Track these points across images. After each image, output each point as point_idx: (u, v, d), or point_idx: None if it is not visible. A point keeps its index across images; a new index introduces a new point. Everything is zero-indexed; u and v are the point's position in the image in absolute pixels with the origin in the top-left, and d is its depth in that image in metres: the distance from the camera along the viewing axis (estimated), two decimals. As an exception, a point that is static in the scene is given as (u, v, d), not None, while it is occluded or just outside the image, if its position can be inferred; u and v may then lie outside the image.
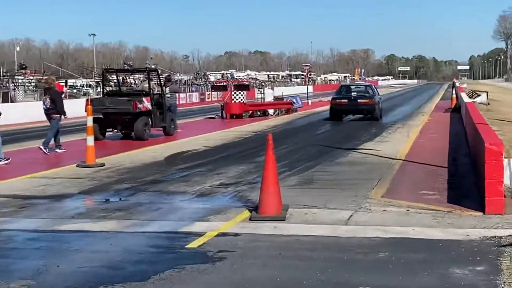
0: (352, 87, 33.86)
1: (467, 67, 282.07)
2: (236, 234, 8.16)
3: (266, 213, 8.97)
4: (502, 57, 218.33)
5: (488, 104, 36.76)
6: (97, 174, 13.61)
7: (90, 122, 15.37)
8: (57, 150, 17.77)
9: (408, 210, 9.46)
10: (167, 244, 7.75)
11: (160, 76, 24.15)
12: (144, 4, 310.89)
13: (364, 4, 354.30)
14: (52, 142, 17.75)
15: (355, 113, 30.46)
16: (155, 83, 25.06)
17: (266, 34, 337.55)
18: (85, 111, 16.03)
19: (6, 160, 15.37)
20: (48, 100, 17.86)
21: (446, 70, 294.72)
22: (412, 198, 10.38)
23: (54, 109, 17.76)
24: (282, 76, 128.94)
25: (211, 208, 9.84)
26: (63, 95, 21.65)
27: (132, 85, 41.85)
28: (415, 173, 13.15)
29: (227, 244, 7.68)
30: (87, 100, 19.82)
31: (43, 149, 17.42)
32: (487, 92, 42.12)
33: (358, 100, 29.81)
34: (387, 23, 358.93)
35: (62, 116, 17.99)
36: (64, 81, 45.69)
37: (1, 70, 62.70)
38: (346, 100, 30.01)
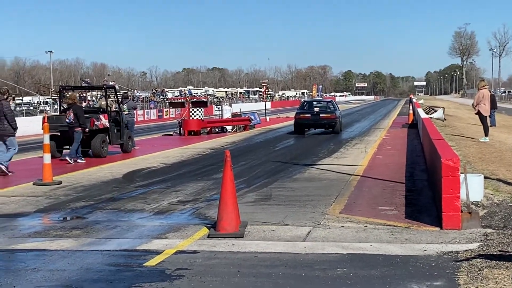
0: (314, 102, 35.08)
1: (424, 83, 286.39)
2: (194, 252, 8.12)
3: (224, 230, 8.95)
4: (458, 72, 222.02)
5: (445, 119, 37.21)
6: (54, 192, 13.45)
7: (47, 139, 15.18)
8: (78, 161, 19.27)
9: (366, 226, 9.52)
10: (125, 262, 7.68)
11: (118, 93, 24.01)
12: (101, 21, 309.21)
13: (322, 21, 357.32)
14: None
15: (318, 127, 32.20)
16: (112, 100, 24.91)
17: (224, 51, 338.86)
18: (42, 128, 15.84)
19: None
20: (71, 114, 19.31)
21: (403, 86, 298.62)
22: (370, 214, 10.45)
23: (77, 123, 19.27)
24: (240, 93, 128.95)
25: (169, 226, 9.79)
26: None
27: (90, 102, 41.55)
28: (373, 188, 13.21)
29: (186, 261, 7.63)
30: (44, 118, 19.57)
31: (70, 160, 19.09)
32: (444, 108, 42.69)
33: (320, 115, 31.34)
34: (344, 39, 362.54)
35: (86, 129, 19.69)
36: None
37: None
38: (309, 115, 31.59)
